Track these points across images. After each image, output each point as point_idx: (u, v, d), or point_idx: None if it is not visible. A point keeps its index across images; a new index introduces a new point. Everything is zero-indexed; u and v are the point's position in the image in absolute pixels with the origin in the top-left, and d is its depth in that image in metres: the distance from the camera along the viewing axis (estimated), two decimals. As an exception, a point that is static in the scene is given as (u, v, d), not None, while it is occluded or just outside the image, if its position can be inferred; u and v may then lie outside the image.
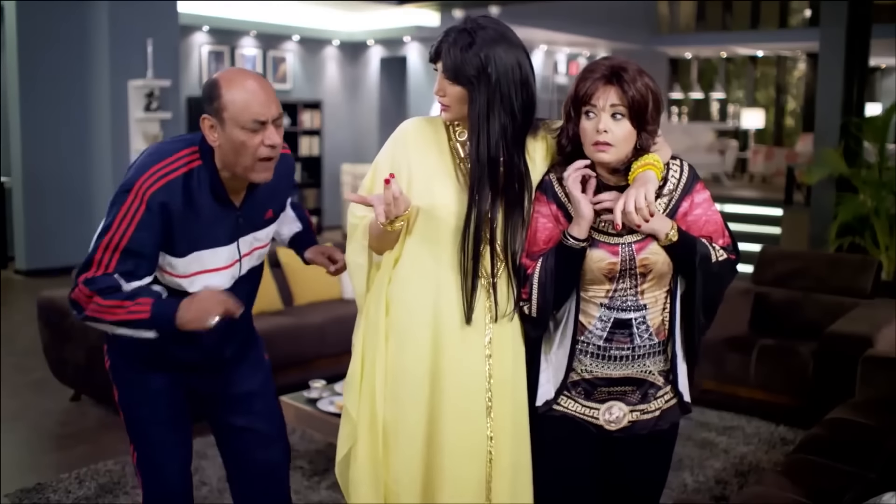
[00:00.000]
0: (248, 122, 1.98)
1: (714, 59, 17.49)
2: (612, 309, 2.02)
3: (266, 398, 2.43)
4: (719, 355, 4.69)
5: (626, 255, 1.98)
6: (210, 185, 2.07)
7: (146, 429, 2.30)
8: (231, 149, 2.00)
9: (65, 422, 4.47)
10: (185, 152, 2.07)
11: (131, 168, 2.09)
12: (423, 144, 2.08)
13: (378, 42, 12.63)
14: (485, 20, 1.99)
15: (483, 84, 1.94)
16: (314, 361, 4.89)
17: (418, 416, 2.08)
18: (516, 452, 2.11)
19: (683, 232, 1.98)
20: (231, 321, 2.13)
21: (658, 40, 16.21)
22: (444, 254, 2.06)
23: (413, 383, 2.08)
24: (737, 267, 2.09)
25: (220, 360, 2.31)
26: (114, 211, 2.02)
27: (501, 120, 1.96)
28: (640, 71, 1.93)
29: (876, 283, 4.84)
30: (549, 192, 2.06)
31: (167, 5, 8.41)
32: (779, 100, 17.17)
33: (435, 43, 2.00)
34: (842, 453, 2.79)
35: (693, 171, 2.06)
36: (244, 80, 2.00)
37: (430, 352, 2.06)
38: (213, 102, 2.00)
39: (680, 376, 2.09)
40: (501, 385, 2.08)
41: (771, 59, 17.03)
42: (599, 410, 2.07)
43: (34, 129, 8.19)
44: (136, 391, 2.30)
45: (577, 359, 2.06)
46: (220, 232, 2.12)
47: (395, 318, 2.10)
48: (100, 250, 2.01)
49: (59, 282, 6.30)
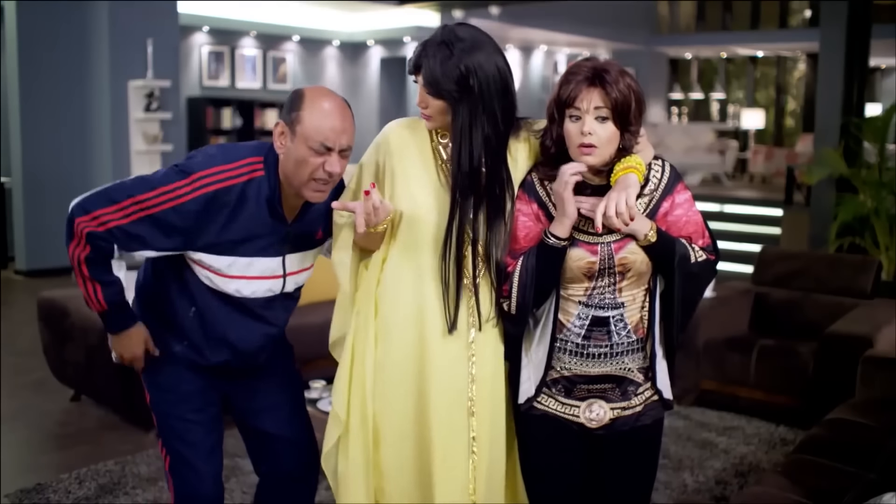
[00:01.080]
0: (315, 143, 2.00)
1: (714, 59, 17.50)
2: (589, 306, 2.03)
3: (297, 406, 2.45)
4: (719, 356, 4.69)
5: (605, 254, 1.99)
6: (268, 196, 2.08)
7: (180, 431, 2.28)
8: (293, 161, 2.03)
9: (65, 422, 4.47)
10: (250, 160, 2.08)
11: (196, 154, 2.10)
12: (405, 147, 2.10)
13: (378, 42, 12.64)
14: (461, 30, 1.99)
15: (465, 95, 1.95)
16: (314, 362, 4.87)
17: (406, 415, 2.11)
18: (491, 452, 2.13)
19: (662, 232, 1.99)
20: (269, 332, 2.25)
21: (658, 40, 16.22)
22: (426, 256, 2.08)
23: (400, 383, 2.10)
24: (716, 267, 2.11)
25: (254, 365, 2.32)
26: (164, 180, 2.03)
27: (485, 131, 1.97)
28: (622, 72, 1.94)
29: (876, 283, 4.84)
30: (531, 191, 2.07)
31: (167, 5, 8.41)
32: (779, 100, 17.17)
33: (413, 56, 2.01)
34: (842, 454, 2.79)
35: (675, 171, 2.07)
36: (327, 102, 2.02)
37: (416, 352, 2.09)
38: (292, 113, 2.02)
39: (659, 373, 2.11)
40: (482, 385, 2.11)
41: (771, 59, 17.03)
42: (580, 408, 2.09)
43: (34, 129, 8.19)
44: (170, 393, 2.29)
45: (556, 356, 2.07)
46: (266, 243, 2.13)
47: (382, 319, 2.12)
48: (129, 200, 2.02)
49: (59, 282, 6.30)
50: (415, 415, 2.10)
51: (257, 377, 2.36)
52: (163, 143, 8.29)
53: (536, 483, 2.16)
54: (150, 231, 2.04)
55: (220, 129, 11.09)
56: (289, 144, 2.02)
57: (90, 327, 4.25)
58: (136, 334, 2.22)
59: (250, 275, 2.14)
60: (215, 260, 2.10)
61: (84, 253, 2.06)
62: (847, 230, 7.56)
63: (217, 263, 2.11)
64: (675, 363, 2.16)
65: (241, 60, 11.75)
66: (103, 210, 2.03)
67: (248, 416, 2.40)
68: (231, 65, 11.66)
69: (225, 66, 11.60)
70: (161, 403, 2.30)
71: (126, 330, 2.21)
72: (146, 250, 2.08)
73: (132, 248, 2.06)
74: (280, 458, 2.40)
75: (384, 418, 2.12)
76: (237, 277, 2.13)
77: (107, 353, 4.10)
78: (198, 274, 2.15)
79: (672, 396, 2.16)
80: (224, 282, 2.14)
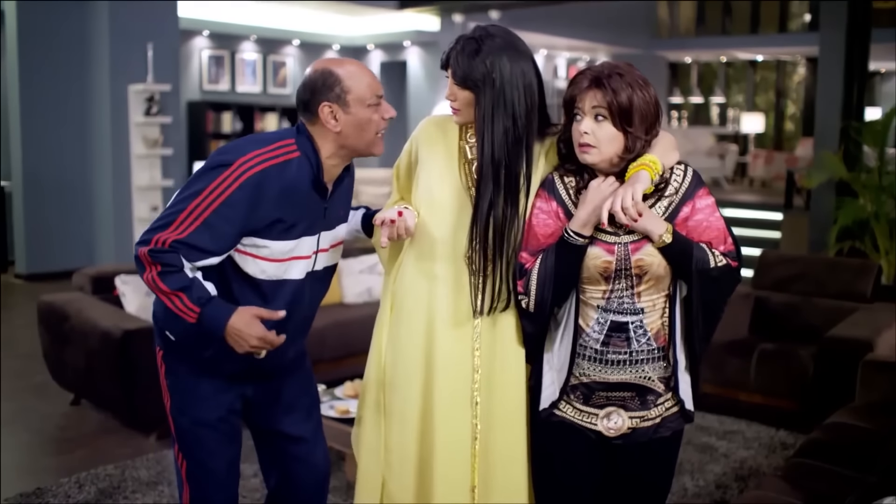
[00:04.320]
0: (372, 97, 2.10)
1: (714, 63, 17.52)
2: (608, 311, 2.02)
3: (316, 407, 2.47)
4: (719, 359, 4.69)
5: (622, 254, 1.99)
6: (312, 174, 2.13)
7: (201, 438, 2.26)
8: (356, 128, 2.11)
9: (65, 426, 4.47)
10: (282, 143, 2.12)
11: (226, 148, 2.11)
12: (433, 142, 2.21)
13: (378, 46, 12.65)
14: (494, 29, 2.09)
15: (488, 88, 2.04)
16: (314, 365, 4.86)
17: (413, 403, 2.17)
18: (487, 448, 2.15)
19: (679, 235, 1.98)
20: (303, 322, 2.29)
21: (658, 44, 16.24)
22: (439, 249, 2.15)
23: (408, 373, 2.17)
24: (739, 274, 2.08)
25: (282, 362, 2.31)
26: (205, 180, 2.04)
27: (504, 123, 2.05)
28: (629, 75, 1.94)
29: (876, 287, 4.84)
30: (552, 189, 2.08)
31: (168, 9, 8.42)
32: (778, 104, 17.19)
33: (446, 50, 2.12)
34: (842, 457, 2.79)
35: (697, 176, 2.06)
36: (352, 64, 2.13)
37: (425, 342, 2.15)
38: (335, 88, 2.08)
39: (682, 384, 2.07)
40: (486, 379, 2.14)
41: (771, 63, 17.05)
42: (598, 416, 2.07)
43: (34, 132, 8.20)
44: (194, 399, 2.26)
45: (576, 362, 2.06)
46: (311, 222, 2.17)
47: (396, 309, 2.22)
48: (184, 213, 2.03)
49: (59, 286, 6.30)
50: (422, 403, 2.16)
51: (280, 379, 2.36)
52: (163, 147, 8.29)
53: (550, 491, 2.14)
54: (210, 236, 2.04)
55: (220, 132, 11.10)
56: (344, 117, 2.09)
57: (90, 331, 4.25)
58: (243, 320, 2.06)
59: (299, 254, 2.17)
60: (275, 245, 2.11)
61: (155, 271, 2.04)
62: (847, 234, 7.55)
63: (278, 248, 2.12)
64: (698, 375, 2.11)
65: (241, 64, 11.77)
66: (161, 233, 2.04)
67: (268, 418, 2.39)
68: (231, 69, 11.68)
69: (225, 70, 11.62)
70: (183, 409, 2.28)
71: (230, 321, 2.06)
72: (209, 258, 2.08)
73: (194, 258, 2.06)
74: (302, 461, 2.40)
75: (392, 405, 2.21)
76: (293, 259, 2.16)
77: (107, 357, 4.13)
78: (246, 269, 2.14)
79: (693, 408, 2.12)
80: (279, 268, 2.15)
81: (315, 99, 2.09)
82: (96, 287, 4.77)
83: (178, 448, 2.30)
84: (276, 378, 2.35)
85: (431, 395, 2.15)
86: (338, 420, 3.53)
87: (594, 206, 1.96)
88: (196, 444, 2.28)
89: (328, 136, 2.12)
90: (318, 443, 2.45)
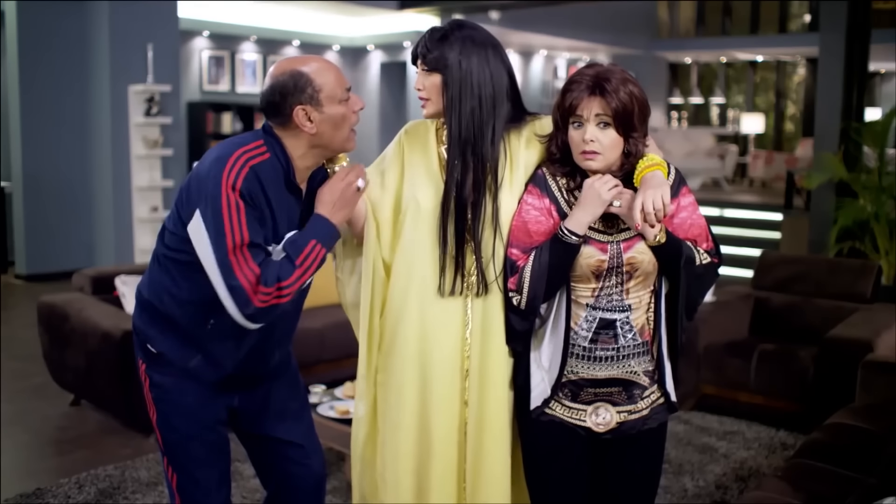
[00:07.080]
0: (342, 93, 2.09)
1: (714, 63, 17.52)
2: (597, 309, 2.04)
3: (305, 409, 2.46)
4: (719, 360, 4.69)
5: (614, 252, 2.01)
6: (284, 173, 2.10)
7: (189, 450, 2.24)
8: (331, 126, 2.09)
9: (64, 427, 4.47)
10: (251, 146, 2.08)
11: (203, 174, 2.03)
12: (413, 146, 2.22)
13: (378, 47, 12.66)
14: (464, 21, 2.15)
15: (455, 69, 2.09)
16: (314, 366, 4.89)
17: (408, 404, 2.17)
18: (476, 444, 2.16)
19: (670, 234, 2.01)
20: (289, 327, 2.30)
21: (658, 45, 16.24)
22: (429, 255, 2.14)
23: (402, 366, 2.17)
24: (719, 270, 2.14)
25: (267, 367, 2.29)
26: (218, 217, 1.98)
27: (471, 102, 2.10)
28: (624, 79, 1.96)
29: (876, 287, 4.84)
30: (543, 186, 2.08)
31: (168, 10, 8.42)
32: (778, 104, 17.19)
33: (414, 45, 2.16)
34: (842, 458, 2.79)
35: (679, 174, 2.10)
36: (315, 61, 2.10)
37: (417, 348, 2.16)
38: (307, 89, 2.05)
39: (666, 376, 2.12)
40: (477, 379, 2.15)
41: (770, 63, 17.05)
42: (586, 412, 2.09)
43: (34, 133, 8.20)
44: (179, 411, 2.23)
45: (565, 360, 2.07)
46: (291, 224, 2.15)
47: (387, 318, 2.22)
48: (231, 256, 1.98)
49: (59, 287, 6.30)
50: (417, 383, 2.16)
51: (266, 385, 2.34)
52: (163, 148, 8.30)
53: (543, 490, 2.15)
54: (263, 250, 2.03)
55: (220, 133, 11.09)
56: (319, 117, 2.07)
57: (90, 332, 4.25)
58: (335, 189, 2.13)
59: None
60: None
61: (280, 290, 2.02)
62: (847, 234, 7.56)
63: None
64: (677, 367, 2.17)
65: (241, 65, 11.77)
66: (242, 283, 1.99)
67: (257, 424, 2.37)
68: (231, 69, 11.68)
69: (225, 71, 11.62)
70: (169, 422, 2.25)
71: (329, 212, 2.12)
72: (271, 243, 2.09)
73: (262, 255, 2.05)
74: (296, 465, 2.39)
75: (387, 391, 2.21)
76: None
77: (107, 357, 4.13)
78: None
79: (676, 399, 2.17)
80: None
81: (286, 102, 2.05)
82: (96, 287, 4.77)
83: (167, 461, 2.28)
84: (262, 385, 2.33)
85: (428, 396, 2.15)
86: (338, 420, 3.53)
87: (594, 206, 1.97)
88: (185, 456, 2.26)
89: (301, 137, 2.09)
90: (312, 444, 2.43)
